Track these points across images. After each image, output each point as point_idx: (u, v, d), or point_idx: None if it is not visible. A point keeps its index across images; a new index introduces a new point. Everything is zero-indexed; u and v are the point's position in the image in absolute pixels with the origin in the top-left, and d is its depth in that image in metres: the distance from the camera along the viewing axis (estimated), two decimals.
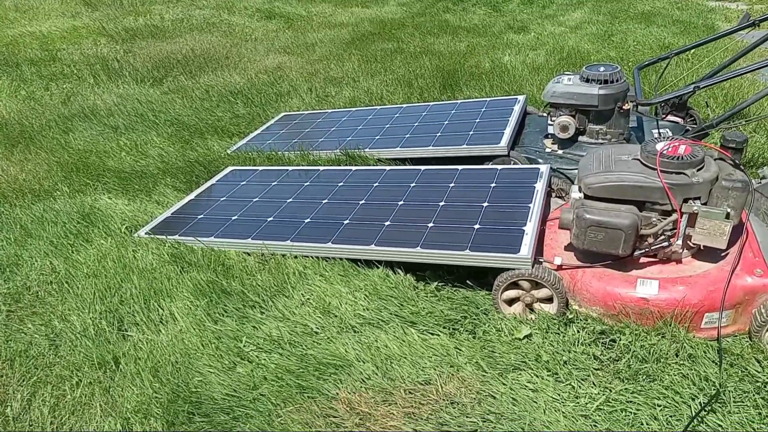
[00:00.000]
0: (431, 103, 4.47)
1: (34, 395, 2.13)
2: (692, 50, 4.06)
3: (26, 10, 9.22)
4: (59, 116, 4.86)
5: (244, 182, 3.57)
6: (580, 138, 3.41)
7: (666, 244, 2.31)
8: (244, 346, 2.28)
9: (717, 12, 7.30)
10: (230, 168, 3.83)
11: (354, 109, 4.70)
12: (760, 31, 3.61)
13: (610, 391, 2.03)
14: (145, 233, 3.09)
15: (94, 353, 2.26)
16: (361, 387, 2.08)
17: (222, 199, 3.39)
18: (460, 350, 2.23)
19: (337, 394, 2.05)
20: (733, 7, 7.61)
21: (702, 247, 2.33)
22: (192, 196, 3.49)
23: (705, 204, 2.24)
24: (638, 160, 2.36)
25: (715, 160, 2.35)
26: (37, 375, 2.21)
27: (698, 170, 2.25)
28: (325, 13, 8.78)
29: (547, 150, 3.45)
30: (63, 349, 2.32)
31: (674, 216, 2.28)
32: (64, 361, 2.25)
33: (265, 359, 2.21)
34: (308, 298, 2.53)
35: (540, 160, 3.37)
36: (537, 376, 2.10)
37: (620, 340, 2.22)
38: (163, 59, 6.44)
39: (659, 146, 2.32)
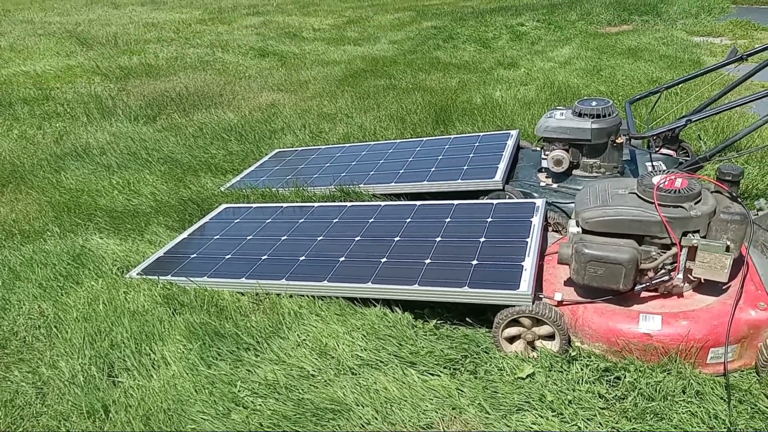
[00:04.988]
0: (425, 139, 4.49)
1: None
2: (681, 84, 4.12)
3: (21, 50, 9.30)
4: (51, 155, 4.84)
5: (237, 220, 3.53)
6: (574, 172, 3.42)
7: (667, 278, 2.29)
8: (239, 391, 2.21)
9: (702, 47, 7.47)
10: (224, 205, 3.80)
11: (348, 144, 4.71)
12: (747, 65, 3.67)
13: (618, 431, 1.97)
14: (137, 274, 3.03)
15: (82, 401, 2.17)
16: None
17: (215, 237, 3.34)
18: (462, 391, 2.16)
19: None
20: (717, 42, 7.80)
21: (703, 281, 2.31)
22: (185, 234, 3.44)
23: (704, 237, 2.23)
24: (635, 193, 2.36)
25: (711, 192, 2.35)
26: (23, 426, 2.12)
27: (696, 203, 2.24)
28: (317, 51, 8.91)
29: (542, 184, 3.45)
30: (50, 398, 2.23)
31: (674, 249, 2.26)
32: (52, 411, 2.17)
33: (260, 405, 2.14)
34: (304, 339, 2.47)
35: (535, 194, 3.37)
36: (542, 417, 2.04)
37: (625, 377, 2.17)
38: (156, 97, 6.47)
39: (656, 180, 2.32)
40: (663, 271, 2.31)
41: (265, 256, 3.00)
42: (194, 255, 3.15)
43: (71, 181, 4.33)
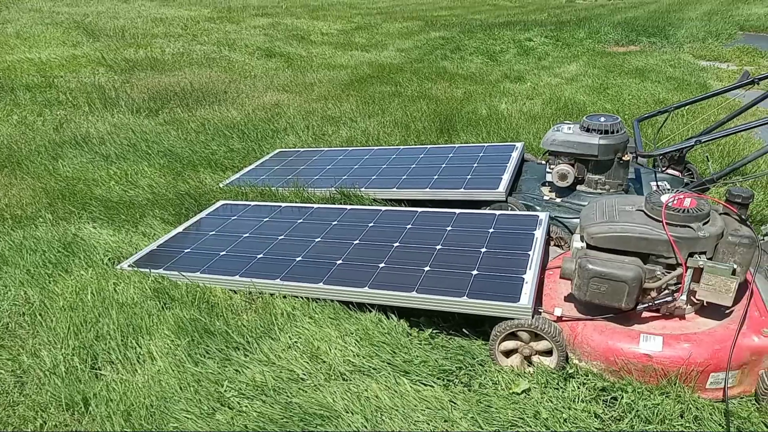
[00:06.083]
0: (429, 146, 4.44)
1: None
2: (689, 106, 4.09)
3: (27, 38, 9.27)
4: (50, 142, 4.78)
5: (234, 217, 3.47)
6: (579, 187, 3.37)
7: (670, 298, 2.24)
8: (225, 391, 2.14)
9: (708, 71, 7.47)
10: (221, 202, 3.74)
11: (351, 148, 4.67)
12: (755, 90, 3.64)
13: None
14: (128, 266, 2.96)
15: (62, 393, 2.10)
16: None
17: (211, 233, 3.28)
18: (455, 404, 2.10)
19: None
20: (724, 67, 7.79)
21: (705, 304, 2.26)
22: (180, 228, 3.38)
23: (710, 259, 2.18)
24: (643, 211, 2.31)
25: (720, 214, 2.30)
26: None
27: (704, 224, 2.20)
28: (325, 55, 8.89)
29: (545, 198, 3.40)
30: (29, 387, 2.16)
31: (679, 270, 2.21)
32: (29, 401, 2.09)
33: (246, 406, 2.07)
34: (296, 341, 2.41)
35: (538, 208, 3.32)
36: None
37: (622, 398, 2.11)
38: (160, 91, 6.43)
39: (664, 198, 2.27)
40: (666, 291, 2.26)
41: (261, 255, 2.94)
42: (188, 250, 3.09)
43: (68, 169, 4.27)
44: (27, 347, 2.36)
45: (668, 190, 2.39)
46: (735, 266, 2.13)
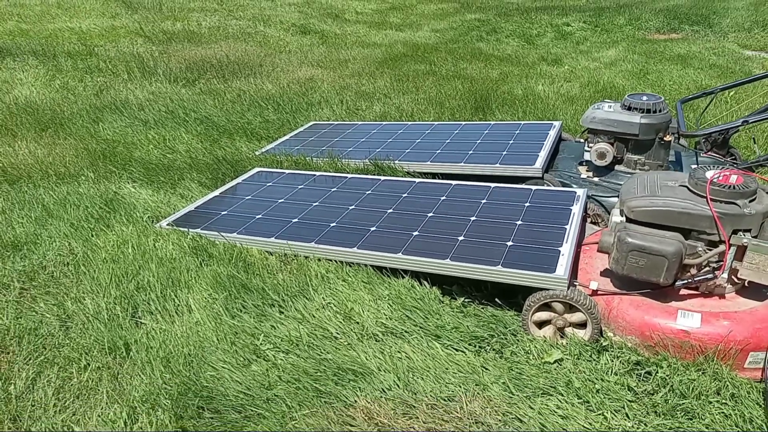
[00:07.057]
0: (464, 123, 4.41)
1: (40, 375, 2.04)
2: (734, 89, 3.98)
3: (68, 8, 9.43)
4: (91, 106, 4.88)
5: (270, 183, 3.51)
6: (617, 167, 3.32)
7: (710, 276, 2.20)
8: (261, 344, 2.18)
9: (753, 60, 7.22)
10: (257, 169, 3.78)
11: (385, 122, 4.66)
12: None
13: (646, 425, 1.90)
14: (167, 224, 3.02)
15: (105, 337, 2.17)
16: (381, 397, 1.96)
17: (247, 197, 3.33)
18: (487, 369, 2.11)
19: (356, 401, 1.94)
20: None
21: (747, 283, 2.22)
22: (217, 192, 3.44)
23: (755, 237, 2.13)
24: (686, 186, 2.27)
25: (767, 193, 2.25)
26: (44, 355, 2.12)
27: (750, 201, 2.15)
28: (359, 33, 8.85)
29: (583, 176, 3.35)
30: (74, 331, 2.23)
31: (721, 247, 2.17)
32: (74, 343, 2.17)
33: (281, 359, 2.11)
34: (329, 302, 2.44)
35: (574, 186, 3.28)
36: (567, 403, 1.97)
37: (657, 372, 2.09)
38: (197, 62, 6.49)
39: (709, 174, 2.23)
40: (707, 269, 2.22)
41: (296, 219, 2.98)
42: (225, 212, 3.14)
43: (108, 131, 4.36)
44: (71, 294, 2.44)
45: (713, 166, 2.34)
46: None
